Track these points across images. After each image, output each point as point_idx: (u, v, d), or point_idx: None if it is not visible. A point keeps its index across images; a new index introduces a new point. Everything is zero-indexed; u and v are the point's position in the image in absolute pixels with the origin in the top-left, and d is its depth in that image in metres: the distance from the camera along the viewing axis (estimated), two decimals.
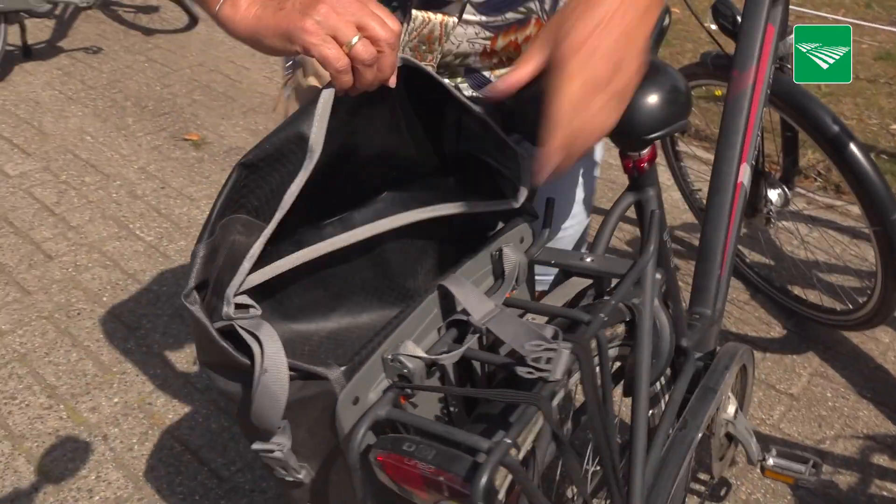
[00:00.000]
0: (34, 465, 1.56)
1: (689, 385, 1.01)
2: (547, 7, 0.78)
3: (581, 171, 0.98)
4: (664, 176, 2.45)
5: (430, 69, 0.79)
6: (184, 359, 1.81)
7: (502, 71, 0.84)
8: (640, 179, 0.84)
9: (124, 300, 2.00)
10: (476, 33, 0.79)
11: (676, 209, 2.29)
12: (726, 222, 1.11)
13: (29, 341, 1.87)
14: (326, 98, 0.62)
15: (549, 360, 0.61)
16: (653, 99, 0.70)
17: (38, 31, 3.48)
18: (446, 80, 0.70)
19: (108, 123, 2.83)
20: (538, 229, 0.83)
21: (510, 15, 0.78)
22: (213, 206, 0.60)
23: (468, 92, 0.85)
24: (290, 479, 0.66)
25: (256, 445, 0.63)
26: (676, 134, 2.07)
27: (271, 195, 0.62)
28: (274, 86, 3.10)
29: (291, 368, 0.59)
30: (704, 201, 2.04)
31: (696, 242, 2.16)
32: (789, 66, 1.31)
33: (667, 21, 0.85)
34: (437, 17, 0.78)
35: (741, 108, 1.15)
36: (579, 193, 0.98)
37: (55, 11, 3.33)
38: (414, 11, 0.78)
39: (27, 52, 3.30)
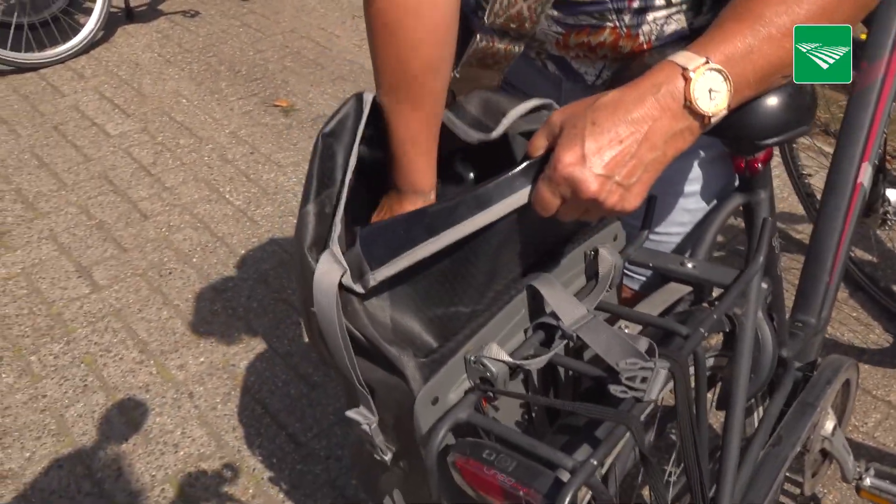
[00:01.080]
0: (125, 417, 1.64)
1: (788, 397, 0.95)
2: (626, 20, 0.73)
3: (699, 163, 0.86)
4: None
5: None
6: (267, 323, 1.86)
7: (581, 63, 0.79)
8: (751, 180, 0.79)
9: (213, 263, 2.06)
10: (549, 25, 0.75)
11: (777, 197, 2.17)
12: (841, 225, 1.03)
13: (124, 297, 1.95)
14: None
15: (643, 380, 0.57)
16: (772, 100, 0.64)
17: None
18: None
19: (203, 87, 2.90)
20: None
21: (584, 18, 0.73)
22: (310, 173, 0.61)
23: (551, 69, 0.82)
24: (378, 457, 0.66)
25: (350, 413, 0.64)
26: None
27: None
28: (364, 53, 3.10)
29: (376, 349, 0.59)
30: (813, 188, 1.93)
31: (799, 234, 2.05)
32: None
33: None
34: (501, 45, 0.75)
35: (868, 102, 1.06)
36: (694, 194, 0.88)
37: None
38: (478, 35, 0.75)
39: (129, 15, 3.41)
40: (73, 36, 3.10)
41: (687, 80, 0.57)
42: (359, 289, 0.57)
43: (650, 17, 0.73)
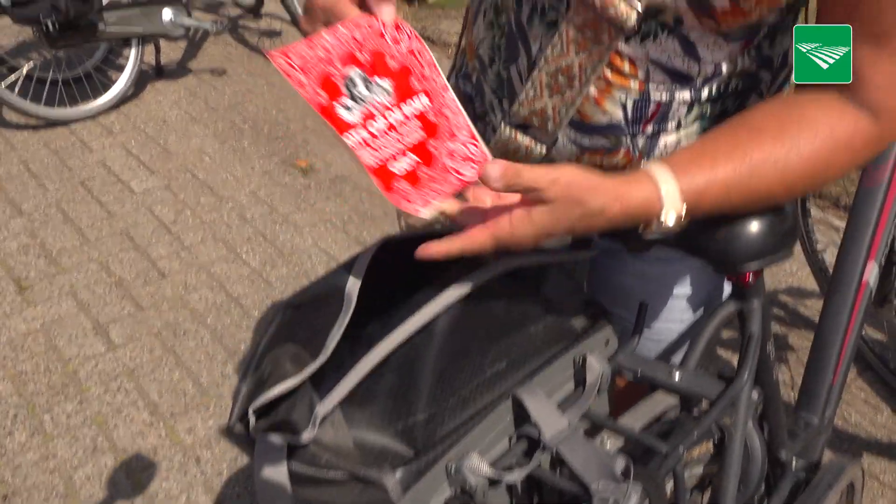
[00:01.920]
0: (132, 480, 1.66)
1: (787, 500, 0.94)
2: (640, 145, 0.75)
3: (690, 269, 0.88)
4: None
5: None
6: None
7: None
8: (742, 290, 0.80)
9: (226, 324, 2.10)
10: (564, 144, 0.78)
11: (783, 271, 2.17)
12: (845, 325, 1.04)
13: (138, 356, 1.99)
14: (367, 255, 0.67)
15: (616, 502, 0.58)
16: (753, 227, 0.66)
17: (171, 51, 3.71)
18: None
19: (226, 145, 2.98)
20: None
21: (598, 139, 0.76)
22: (256, 344, 0.64)
23: None
24: None
25: None
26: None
27: (318, 330, 0.63)
28: None
29: (350, 474, 0.60)
30: (826, 262, 1.93)
31: (809, 311, 2.04)
32: None
33: None
34: (524, 139, 0.77)
35: (873, 202, 1.07)
36: (685, 298, 0.90)
37: (188, 35, 3.54)
38: (503, 125, 0.77)
39: (159, 72, 3.53)
40: (104, 92, 3.21)
41: (659, 209, 0.62)
42: (308, 437, 0.59)
43: (662, 141, 0.76)
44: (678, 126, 0.75)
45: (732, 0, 0.63)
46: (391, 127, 0.62)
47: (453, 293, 0.67)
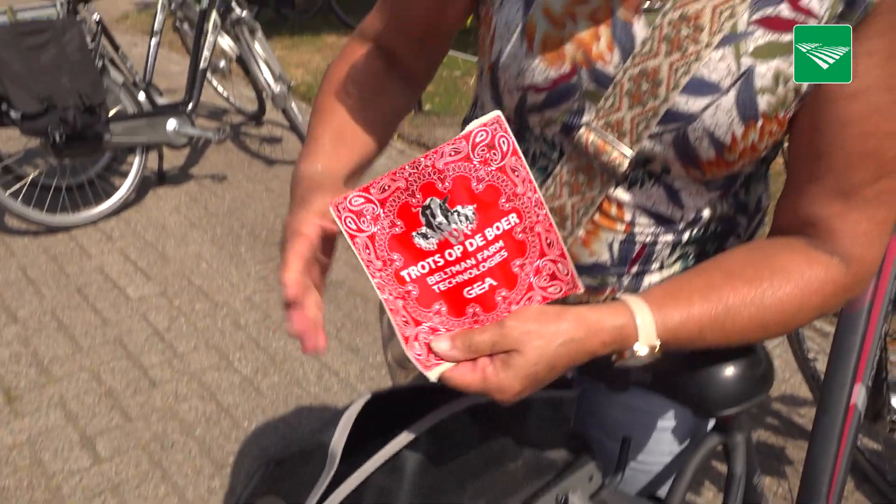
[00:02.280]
0: None
1: None
2: (625, 284, 0.78)
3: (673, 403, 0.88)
4: None
5: None
6: None
7: None
8: (725, 425, 0.80)
9: (215, 435, 2.06)
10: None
11: (776, 378, 2.16)
12: (835, 449, 1.03)
13: (124, 470, 1.95)
14: (353, 411, 0.67)
15: None
16: (728, 372, 0.67)
17: (174, 157, 3.82)
18: None
19: (224, 251, 3.03)
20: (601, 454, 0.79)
21: (585, 278, 0.78)
22: (238, 496, 0.64)
23: None
24: None
25: None
26: None
27: (302, 484, 0.64)
28: None
29: None
30: (818, 371, 1.92)
31: (802, 419, 2.02)
32: None
33: None
34: None
35: (856, 326, 1.08)
36: (669, 431, 0.89)
37: (191, 142, 3.65)
38: None
39: (161, 178, 3.62)
40: (106, 199, 3.29)
41: (634, 339, 0.64)
42: None
43: (646, 281, 0.77)
44: (661, 267, 0.77)
45: (717, 152, 0.66)
46: (467, 254, 0.62)
47: (421, 425, 0.68)
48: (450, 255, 0.62)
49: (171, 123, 3.29)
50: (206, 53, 3.40)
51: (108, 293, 2.74)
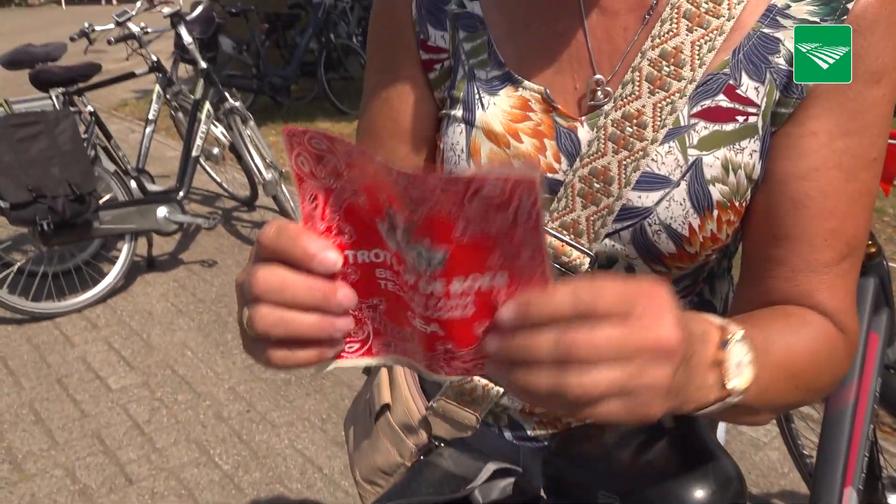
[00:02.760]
0: None
1: None
2: None
3: None
4: (760, 431, 2.27)
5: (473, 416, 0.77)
6: None
7: (544, 431, 0.80)
8: None
9: None
10: None
11: (774, 472, 2.09)
12: None
13: None
14: None
15: None
16: (698, 493, 0.63)
17: (164, 243, 3.82)
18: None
19: (209, 339, 2.98)
20: None
21: None
22: None
23: (508, 435, 0.82)
24: None
25: None
26: None
27: None
28: None
29: None
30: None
31: None
32: None
33: None
34: (480, 380, 0.77)
35: (841, 429, 1.05)
36: None
37: (182, 228, 3.66)
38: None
39: (150, 264, 3.61)
40: (93, 286, 3.26)
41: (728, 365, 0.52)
42: None
43: None
44: None
45: (677, 245, 0.65)
46: (418, 291, 0.45)
47: None
48: (400, 273, 0.46)
49: (162, 211, 3.30)
50: (198, 142, 3.45)
51: (88, 384, 2.68)
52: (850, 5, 0.60)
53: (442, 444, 0.81)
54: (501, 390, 0.77)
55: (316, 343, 0.46)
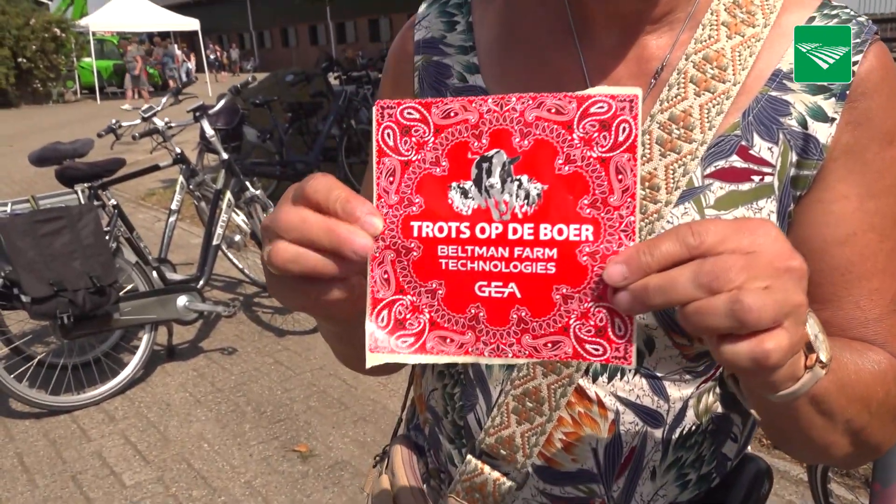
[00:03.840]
0: None
1: None
2: (615, 495, 0.70)
3: None
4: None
5: None
6: None
7: None
8: None
9: None
10: (532, 495, 0.72)
11: None
12: None
13: None
14: None
15: None
16: None
17: (184, 331, 3.82)
18: None
19: (227, 430, 2.92)
20: None
21: (570, 489, 0.70)
22: None
23: None
24: None
25: None
26: (831, 478, 1.84)
27: None
28: (388, 392, 3.14)
29: None
30: None
31: None
32: None
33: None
34: (491, 474, 0.72)
35: None
36: None
37: (202, 317, 3.66)
38: (469, 456, 0.73)
39: (171, 353, 3.60)
40: (112, 377, 3.25)
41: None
42: None
43: (638, 492, 0.71)
44: (653, 475, 0.71)
45: None
46: (504, 240, 0.46)
47: None
48: (482, 230, 0.46)
49: (182, 300, 3.31)
50: (219, 230, 3.49)
51: (103, 480, 2.62)
52: (855, 68, 0.61)
53: None
54: (514, 484, 0.71)
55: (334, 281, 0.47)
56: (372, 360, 0.48)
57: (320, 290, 0.48)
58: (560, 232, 0.45)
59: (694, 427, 0.70)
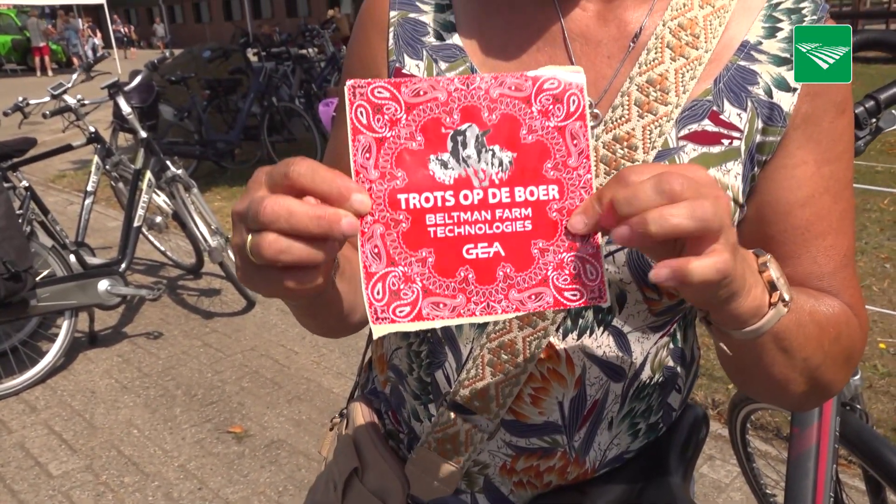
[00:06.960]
0: None
1: None
2: (576, 445, 0.75)
3: None
4: (721, 472, 2.28)
5: (455, 468, 0.75)
6: None
7: (523, 493, 0.78)
8: None
9: None
10: (498, 447, 0.76)
11: None
12: None
13: None
14: None
15: None
16: None
17: (107, 317, 3.70)
18: None
19: (157, 415, 2.87)
20: None
21: (535, 440, 0.74)
22: None
23: (482, 501, 0.80)
24: None
25: None
26: (749, 430, 1.95)
27: None
28: (321, 370, 3.14)
29: None
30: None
31: None
32: (859, 406, 1.23)
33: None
34: (464, 425, 0.75)
35: (806, 470, 1.06)
36: None
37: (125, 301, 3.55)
38: (442, 408, 0.75)
39: (93, 339, 3.48)
40: (31, 366, 3.12)
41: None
42: None
43: (596, 441, 0.75)
44: (610, 425, 0.75)
45: None
46: (486, 204, 0.52)
47: None
48: (465, 196, 0.51)
49: (103, 284, 3.20)
50: (139, 212, 3.38)
51: (27, 472, 2.53)
52: None
53: None
54: (486, 435, 0.75)
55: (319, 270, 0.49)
56: (378, 331, 0.51)
57: (303, 277, 0.49)
58: (531, 193, 0.52)
59: (648, 380, 0.75)
